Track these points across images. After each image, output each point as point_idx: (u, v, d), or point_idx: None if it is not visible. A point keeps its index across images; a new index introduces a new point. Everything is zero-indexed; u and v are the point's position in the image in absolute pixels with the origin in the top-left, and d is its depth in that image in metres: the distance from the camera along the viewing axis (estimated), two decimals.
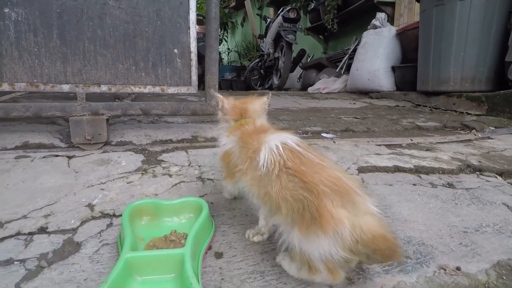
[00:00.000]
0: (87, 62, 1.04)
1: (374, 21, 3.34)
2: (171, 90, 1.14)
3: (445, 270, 0.61)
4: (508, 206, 0.88)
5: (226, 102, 0.73)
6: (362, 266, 0.60)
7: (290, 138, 0.58)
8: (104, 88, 1.06)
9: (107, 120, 1.08)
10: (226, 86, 6.82)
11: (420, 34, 2.62)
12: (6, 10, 0.94)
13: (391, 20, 3.66)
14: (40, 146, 1.06)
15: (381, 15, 3.30)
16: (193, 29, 1.13)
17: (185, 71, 1.16)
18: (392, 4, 3.62)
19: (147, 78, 1.11)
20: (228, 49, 9.17)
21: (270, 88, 5.38)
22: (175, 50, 1.13)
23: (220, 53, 8.93)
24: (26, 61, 0.98)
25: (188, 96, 2.26)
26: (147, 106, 1.13)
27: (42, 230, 0.69)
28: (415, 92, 2.81)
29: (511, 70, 2.06)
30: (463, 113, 2.29)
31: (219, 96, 0.74)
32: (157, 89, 1.13)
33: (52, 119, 1.25)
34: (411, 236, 0.72)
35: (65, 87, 1.02)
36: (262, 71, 5.50)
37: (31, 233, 0.68)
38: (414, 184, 1.01)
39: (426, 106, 2.67)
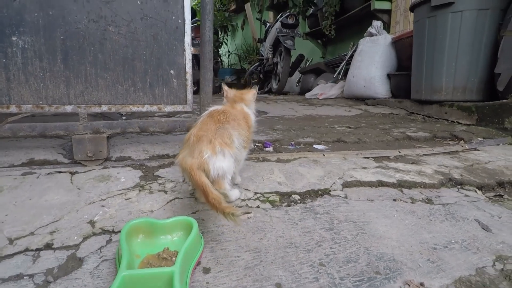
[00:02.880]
0: (88, 85, 1.11)
1: (370, 29, 3.40)
2: (168, 108, 1.21)
3: (409, 285, 0.68)
4: (479, 222, 0.95)
5: (228, 91, 1.10)
6: None
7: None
8: (104, 108, 1.13)
9: (108, 137, 1.15)
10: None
11: (414, 43, 2.68)
12: (14, 38, 1.01)
13: (387, 27, 3.72)
14: (44, 163, 1.14)
15: (377, 23, 3.36)
16: (188, 51, 1.20)
17: (181, 90, 1.23)
18: (389, 12, 3.68)
19: (145, 98, 1.19)
20: (229, 51, 9.24)
21: (269, 91, 5.45)
22: (172, 71, 1.20)
23: (220, 56, 9.00)
24: (32, 84, 1.05)
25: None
26: (145, 124, 1.20)
27: (48, 246, 0.77)
28: (409, 100, 2.87)
29: (500, 81, 2.12)
30: (454, 122, 2.35)
31: (225, 87, 1.10)
32: (154, 108, 1.20)
33: None
34: (383, 253, 0.79)
35: (68, 108, 1.10)
36: (261, 75, 5.57)
37: (38, 249, 0.75)
38: (395, 200, 1.07)
39: (419, 114, 2.73)
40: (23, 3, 1.01)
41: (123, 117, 1.67)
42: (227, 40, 9.13)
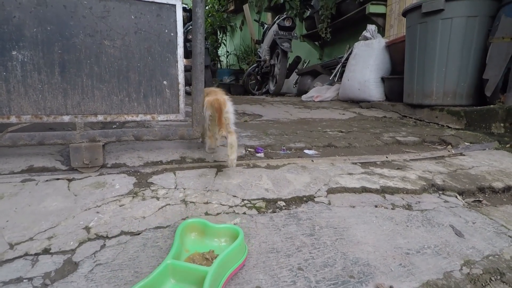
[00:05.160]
0: (85, 96, 1.16)
1: (365, 33, 3.45)
2: (161, 117, 1.27)
3: None
4: (453, 228, 1.00)
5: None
6: None
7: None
8: (100, 117, 1.19)
9: (103, 146, 1.21)
10: (224, 90, 6.91)
11: (406, 49, 2.73)
12: (14, 52, 1.06)
13: (382, 30, 3.76)
14: (43, 170, 1.19)
15: (371, 27, 3.41)
16: (181, 62, 1.26)
17: (174, 100, 1.28)
18: (383, 15, 3.73)
19: (139, 108, 1.24)
20: (227, 52, 9.28)
21: (267, 92, 5.50)
22: (165, 82, 1.25)
23: (219, 56, 9.04)
24: (31, 96, 1.11)
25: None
26: (139, 132, 1.25)
27: (46, 251, 0.82)
28: (402, 103, 2.92)
29: (488, 87, 2.17)
30: (444, 126, 2.41)
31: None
32: (148, 117, 1.25)
33: None
34: (359, 257, 0.84)
35: (66, 118, 1.15)
36: (259, 76, 5.62)
37: (36, 254, 0.81)
38: (376, 206, 1.13)
39: (411, 118, 2.79)
40: (22, 19, 1.06)
41: (113, 125, 1.74)
42: (226, 40, 9.18)
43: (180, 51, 1.25)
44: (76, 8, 1.11)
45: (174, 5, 1.22)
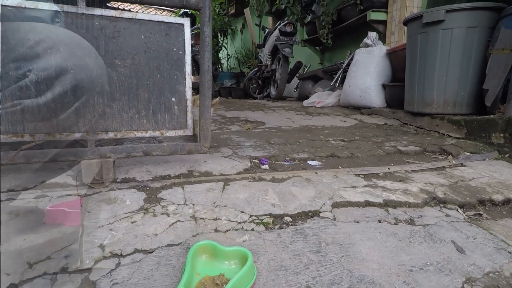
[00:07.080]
0: (96, 114, 1.19)
1: (366, 40, 3.49)
2: (169, 133, 1.30)
3: None
4: (455, 244, 1.04)
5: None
6: None
7: None
8: (111, 134, 1.22)
9: (114, 162, 1.24)
10: (225, 93, 6.97)
11: (407, 57, 2.77)
12: (28, 73, 1.10)
13: (383, 37, 3.80)
14: (56, 185, 1.22)
15: (372, 34, 3.45)
16: (189, 79, 1.29)
17: (182, 116, 1.32)
18: (384, 22, 3.77)
19: (148, 124, 1.27)
20: (228, 55, 9.32)
21: (268, 96, 5.54)
22: (173, 99, 1.29)
23: (219, 59, 9.08)
24: (45, 115, 1.14)
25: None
26: (148, 148, 1.29)
27: (64, 270, 0.85)
28: (403, 110, 2.96)
29: (488, 97, 2.21)
30: (444, 135, 2.44)
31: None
32: (157, 133, 1.29)
33: None
34: (364, 275, 0.87)
35: (78, 135, 1.19)
36: (260, 81, 5.66)
37: (55, 273, 0.84)
38: (380, 221, 1.16)
39: (412, 126, 2.82)
40: (36, 41, 1.09)
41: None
42: (227, 44, 9.22)
43: (188, 68, 1.28)
44: (88, 29, 1.14)
45: (183, 24, 1.26)
